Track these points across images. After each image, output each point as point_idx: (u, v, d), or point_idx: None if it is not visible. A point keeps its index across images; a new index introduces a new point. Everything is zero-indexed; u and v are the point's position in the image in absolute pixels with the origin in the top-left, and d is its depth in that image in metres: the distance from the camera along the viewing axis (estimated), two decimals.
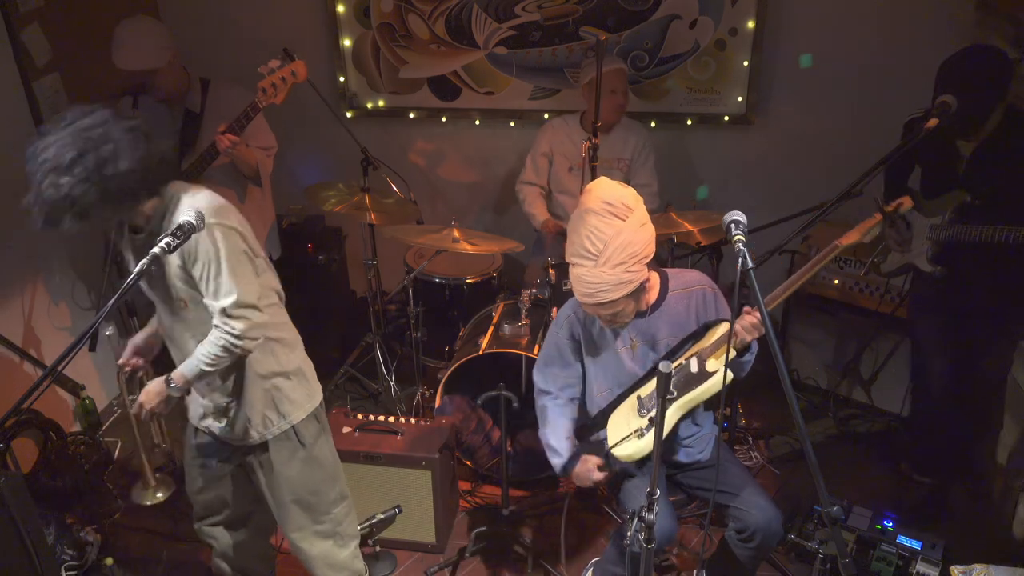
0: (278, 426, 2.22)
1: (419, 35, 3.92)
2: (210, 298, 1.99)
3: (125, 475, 3.39)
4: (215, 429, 2.24)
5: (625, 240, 2.07)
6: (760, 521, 2.26)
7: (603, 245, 2.07)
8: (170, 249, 1.77)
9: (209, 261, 1.95)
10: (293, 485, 2.29)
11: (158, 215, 1.99)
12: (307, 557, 2.41)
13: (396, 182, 3.55)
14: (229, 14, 3.96)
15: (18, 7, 3.11)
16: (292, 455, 2.27)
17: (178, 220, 1.82)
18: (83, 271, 3.58)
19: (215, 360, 2.03)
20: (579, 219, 2.13)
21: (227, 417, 2.20)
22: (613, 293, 2.10)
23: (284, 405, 2.22)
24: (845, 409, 3.64)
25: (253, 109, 2.81)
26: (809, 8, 3.56)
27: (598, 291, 2.10)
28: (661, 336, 2.32)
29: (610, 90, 3.36)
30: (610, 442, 2.35)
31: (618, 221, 2.08)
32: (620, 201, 2.09)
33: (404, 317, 3.39)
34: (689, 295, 2.32)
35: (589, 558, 2.90)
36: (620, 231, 2.07)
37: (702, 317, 2.32)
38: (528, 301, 3.20)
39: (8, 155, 3.14)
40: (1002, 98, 2.47)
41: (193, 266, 1.97)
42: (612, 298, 2.10)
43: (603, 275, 2.08)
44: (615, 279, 2.08)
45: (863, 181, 2.49)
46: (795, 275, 2.23)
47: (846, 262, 3.47)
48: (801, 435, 1.56)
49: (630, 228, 2.08)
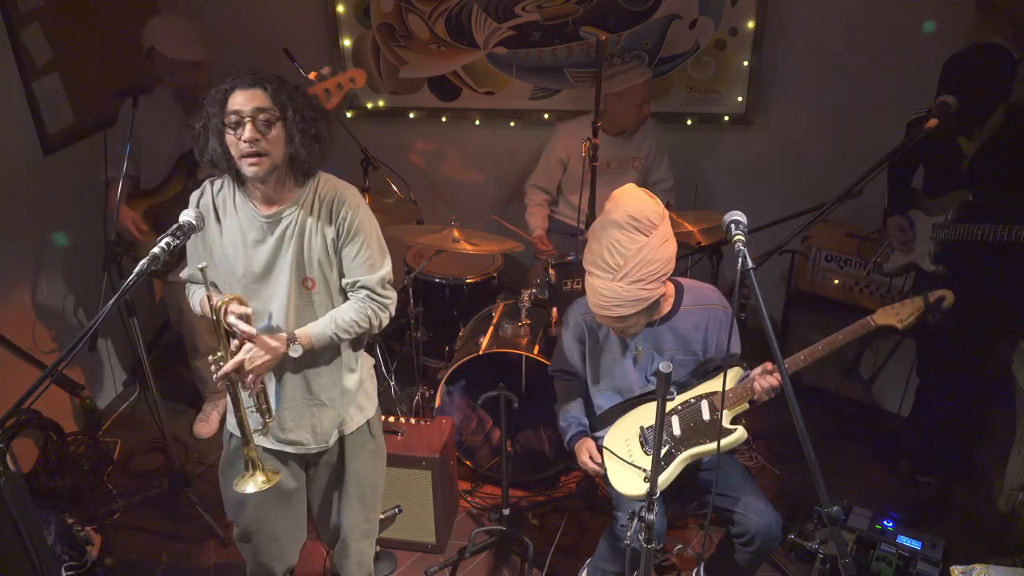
0: (358, 421, 2.23)
1: (419, 35, 3.92)
2: (364, 272, 2.03)
3: (125, 475, 3.39)
4: (302, 440, 2.16)
5: (646, 258, 2.06)
6: (760, 526, 2.25)
7: (623, 261, 2.06)
8: (170, 249, 1.77)
9: (369, 237, 2.03)
10: (359, 479, 2.28)
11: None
12: (346, 553, 2.38)
13: (396, 182, 3.55)
14: (229, 14, 3.96)
15: (18, 7, 3.11)
16: (363, 448, 2.27)
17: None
18: (83, 271, 3.57)
19: (352, 328, 2.04)
20: (602, 229, 2.11)
21: (313, 423, 2.15)
22: (626, 309, 2.10)
23: (364, 399, 2.25)
24: (845, 409, 3.64)
25: None
26: (809, 8, 3.56)
27: (611, 305, 2.10)
28: (666, 348, 2.32)
29: (638, 103, 3.36)
30: (608, 465, 2.34)
31: (641, 237, 2.07)
32: (646, 216, 2.08)
33: (404, 317, 3.39)
34: (702, 312, 2.32)
35: (588, 558, 2.90)
36: (642, 248, 2.06)
37: (712, 337, 2.32)
38: (528, 301, 3.20)
39: (8, 155, 3.15)
40: (1004, 97, 2.47)
41: (351, 241, 2.02)
42: (624, 314, 2.11)
43: (619, 290, 2.08)
44: (630, 296, 2.08)
45: (863, 181, 2.49)
46: (823, 343, 2.21)
47: (847, 262, 3.47)
48: (801, 435, 1.56)
49: (652, 245, 2.08)
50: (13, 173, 3.16)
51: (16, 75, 3.14)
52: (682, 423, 2.30)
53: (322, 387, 2.14)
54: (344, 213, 2.01)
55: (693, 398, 2.32)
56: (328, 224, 2.01)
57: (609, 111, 3.36)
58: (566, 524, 3.07)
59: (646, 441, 2.31)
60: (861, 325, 2.18)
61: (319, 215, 2.01)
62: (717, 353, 2.35)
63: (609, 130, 3.39)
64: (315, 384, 2.13)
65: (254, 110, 1.86)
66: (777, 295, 3.79)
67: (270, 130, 1.88)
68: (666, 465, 2.23)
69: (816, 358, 2.20)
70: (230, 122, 1.86)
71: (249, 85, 1.87)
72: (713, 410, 2.25)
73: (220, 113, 1.88)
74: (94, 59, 3.52)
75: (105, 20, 3.59)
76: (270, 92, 1.88)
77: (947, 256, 2.73)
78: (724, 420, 2.21)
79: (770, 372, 2.17)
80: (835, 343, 2.19)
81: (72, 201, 3.42)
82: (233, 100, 1.86)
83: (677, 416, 2.32)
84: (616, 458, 2.30)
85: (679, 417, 2.32)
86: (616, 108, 3.34)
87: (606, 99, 3.35)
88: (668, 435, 2.28)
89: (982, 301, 2.72)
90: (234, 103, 1.86)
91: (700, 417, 2.27)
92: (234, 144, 1.88)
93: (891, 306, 2.19)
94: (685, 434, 2.27)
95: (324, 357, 2.11)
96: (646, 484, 2.16)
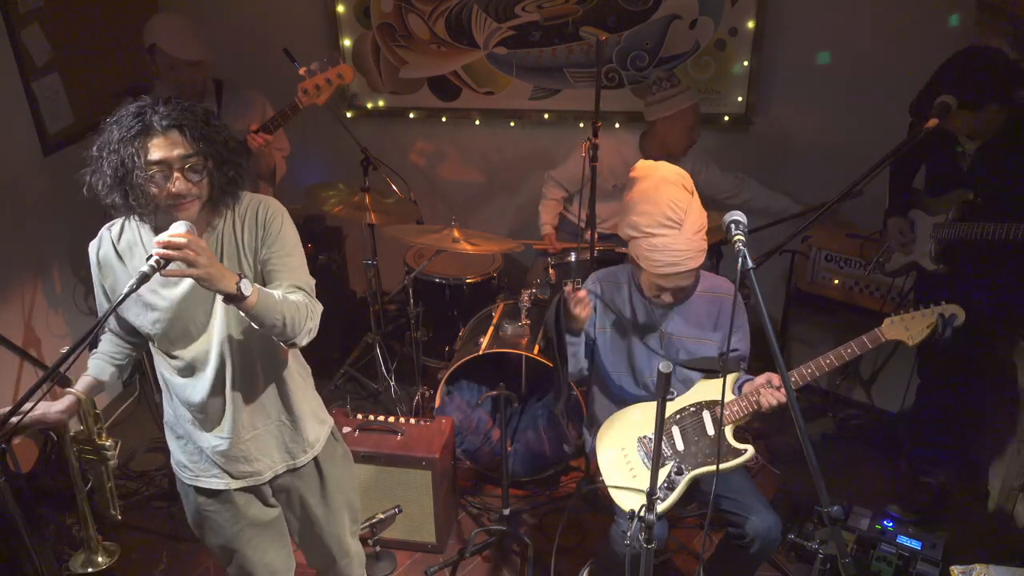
0: (324, 431, 2.17)
1: (419, 35, 3.92)
2: (299, 276, 1.89)
3: (125, 475, 3.39)
4: (279, 466, 2.07)
5: (698, 208, 2.20)
6: (759, 528, 2.25)
7: (683, 214, 2.16)
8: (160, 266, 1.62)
9: (297, 243, 1.93)
10: (342, 485, 2.24)
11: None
12: (350, 560, 2.34)
13: (396, 182, 3.55)
14: (229, 14, 3.96)
15: (18, 7, 3.10)
16: (335, 454, 2.21)
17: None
18: (83, 272, 3.57)
19: (293, 308, 1.79)
20: (655, 191, 2.19)
21: (288, 445, 2.06)
22: (695, 261, 2.18)
23: (322, 411, 2.18)
24: (845, 409, 3.64)
25: (292, 109, 2.83)
26: (809, 8, 3.56)
27: (685, 258, 2.17)
28: (675, 331, 2.35)
29: (689, 125, 3.30)
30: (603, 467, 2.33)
31: (688, 194, 2.21)
32: (685, 176, 2.24)
33: (404, 317, 3.40)
34: (714, 300, 2.36)
35: (589, 558, 2.90)
36: (692, 200, 2.21)
37: (721, 325, 2.35)
38: (528, 301, 3.20)
39: (8, 155, 3.15)
40: (998, 96, 2.47)
41: (281, 245, 1.88)
42: (694, 266, 2.19)
43: (689, 242, 2.16)
44: (697, 246, 2.18)
45: (863, 181, 2.50)
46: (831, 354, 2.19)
47: (847, 262, 3.47)
48: (801, 435, 1.56)
49: (697, 200, 2.23)
50: (13, 173, 3.16)
51: (16, 75, 3.14)
52: (684, 436, 2.30)
53: (285, 404, 2.03)
54: (271, 216, 1.88)
55: (693, 405, 2.31)
56: (254, 233, 1.87)
57: (659, 134, 3.32)
58: (566, 524, 3.07)
59: (647, 455, 2.31)
60: (871, 339, 2.15)
61: (244, 228, 1.88)
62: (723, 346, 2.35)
63: (654, 153, 3.25)
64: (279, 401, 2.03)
65: (181, 158, 1.68)
66: (777, 295, 3.79)
67: (198, 176, 1.72)
68: (671, 487, 2.23)
69: (824, 372, 2.21)
70: (152, 174, 1.67)
71: (166, 128, 1.67)
72: (716, 423, 2.24)
73: (134, 162, 1.66)
74: (94, 59, 3.52)
75: (105, 20, 3.59)
76: (188, 134, 1.69)
77: (948, 255, 2.74)
78: (727, 434, 2.24)
79: (776, 387, 2.14)
80: (843, 357, 2.18)
81: (72, 201, 3.41)
82: (153, 147, 1.67)
83: (677, 426, 2.31)
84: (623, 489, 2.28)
85: (679, 428, 2.31)
86: (667, 131, 3.29)
87: (656, 123, 3.32)
88: (671, 448, 2.28)
89: (982, 300, 2.72)
90: (156, 151, 1.66)
91: (703, 432, 2.27)
92: (158, 191, 1.69)
93: (900, 317, 2.12)
94: (690, 451, 2.27)
95: (278, 373, 2.00)
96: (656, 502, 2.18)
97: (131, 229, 1.88)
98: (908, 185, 2.92)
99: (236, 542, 2.11)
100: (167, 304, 1.85)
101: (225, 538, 2.11)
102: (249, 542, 2.13)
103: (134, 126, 1.66)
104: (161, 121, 1.67)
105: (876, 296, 3.42)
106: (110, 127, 1.70)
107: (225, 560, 2.18)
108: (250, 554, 2.14)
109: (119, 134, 1.67)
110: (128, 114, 1.69)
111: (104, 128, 1.72)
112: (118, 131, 1.68)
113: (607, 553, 2.48)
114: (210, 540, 2.14)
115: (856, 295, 3.48)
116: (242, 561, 2.15)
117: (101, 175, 1.71)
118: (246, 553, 2.14)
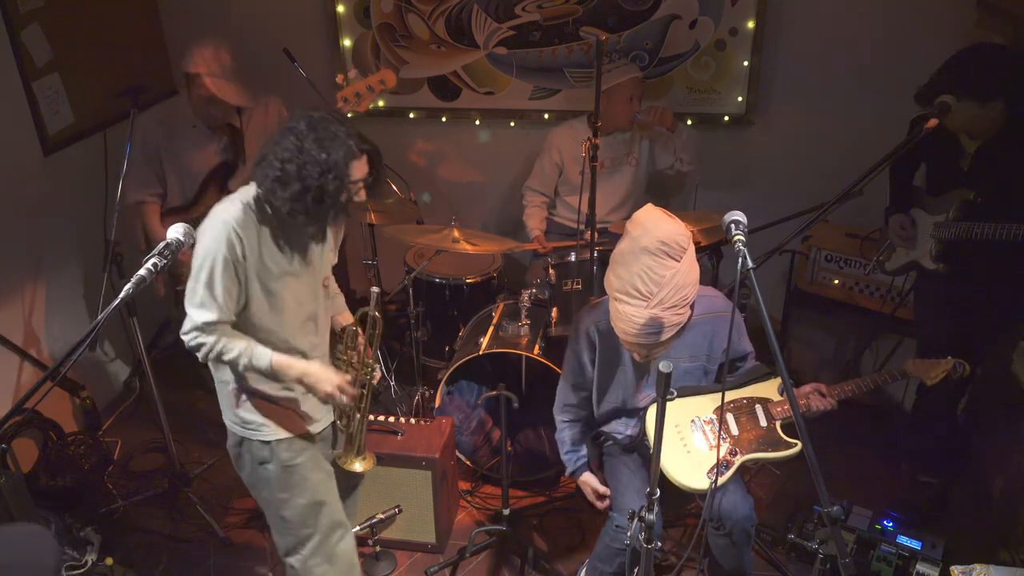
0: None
1: (419, 35, 3.92)
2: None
3: (125, 475, 3.39)
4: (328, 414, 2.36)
5: (679, 283, 2.03)
6: (725, 507, 2.28)
7: (656, 288, 2.02)
8: (157, 270, 1.74)
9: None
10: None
11: None
12: (355, 493, 2.60)
13: (396, 182, 3.54)
14: (229, 14, 3.96)
15: (18, 7, 3.10)
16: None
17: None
18: (84, 272, 3.57)
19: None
20: (632, 256, 2.06)
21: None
22: (663, 335, 2.06)
23: None
24: (845, 409, 3.63)
25: None
26: (809, 8, 3.56)
27: (647, 332, 2.06)
28: (676, 356, 2.30)
29: (627, 98, 3.41)
30: (668, 454, 2.29)
31: (673, 262, 2.03)
32: (675, 240, 2.03)
33: (404, 317, 3.39)
34: (710, 321, 2.31)
35: (588, 558, 2.90)
36: (675, 273, 2.03)
37: (717, 344, 2.34)
38: (528, 301, 3.20)
39: (8, 155, 3.15)
40: (999, 93, 2.46)
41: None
42: (661, 340, 2.07)
43: (654, 318, 2.03)
44: (667, 322, 2.04)
45: (864, 180, 2.50)
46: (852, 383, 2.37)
47: (847, 262, 3.47)
48: (801, 435, 1.57)
49: (684, 270, 2.04)
50: (13, 173, 3.15)
51: (16, 75, 3.14)
52: (738, 424, 2.35)
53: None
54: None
55: (747, 399, 2.39)
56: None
57: (602, 109, 3.37)
58: (566, 524, 3.07)
59: (703, 430, 2.34)
60: (896, 373, 2.37)
61: None
62: (722, 356, 2.35)
63: (603, 129, 3.39)
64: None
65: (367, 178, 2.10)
66: (777, 295, 3.79)
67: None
68: (727, 467, 2.29)
69: (842, 398, 2.32)
70: (355, 190, 2.07)
71: (358, 155, 2.04)
72: (769, 417, 2.35)
73: (341, 181, 1.98)
74: (94, 59, 3.51)
75: (105, 20, 3.59)
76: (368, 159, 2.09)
77: (948, 255, 2.74)
78: (777, 428, 2.34)
79: (823, 395, 2.29)
80: (862, 387, 2.35)
81: (72, 201, 3.42)
82: (355, 169, 2.02)
83: (732, 415, 2.37)
84: (680, 448, 2.31)
85: (734, 417, 2.37)
86: (605, 106, 3.34)
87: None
88: (726, 432, 2.34)
89: (982, 300, 2.73)
90: (357, 172, 2.03)
91: (757, 423, 2.34)
92: (347, 200, 2.06)
93: (922, 361, 2.37)
94: (743, 437, 2.32)
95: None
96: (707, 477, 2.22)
97: (252, 225, 2.06)
98: (908, 182, 2.92)
99: (321, 491, 2.27)
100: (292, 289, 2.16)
101: (313, 488, 2.25)
102: (331, 490, 2.33)
103: (341, 149, 1.96)
104: (357, 146, 2.02)
105: (876, 296, 3.42)
106: (311, 148, 1.94)
107: (312, 519, 2.27)
108: (333, 502, 2.31)
109: (331, 156, 1.95)
110: (329, 135, 1.96)
111: (299, 146, 1.94)
112: (326, 153, 1.94)
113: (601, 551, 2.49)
114: (297, 501, 2.24)
115: (856, 295, 3.48)
116: (331, 512, 2.30)
117: (301, 183, 1.95)
118: (330, 501, 2.30)
